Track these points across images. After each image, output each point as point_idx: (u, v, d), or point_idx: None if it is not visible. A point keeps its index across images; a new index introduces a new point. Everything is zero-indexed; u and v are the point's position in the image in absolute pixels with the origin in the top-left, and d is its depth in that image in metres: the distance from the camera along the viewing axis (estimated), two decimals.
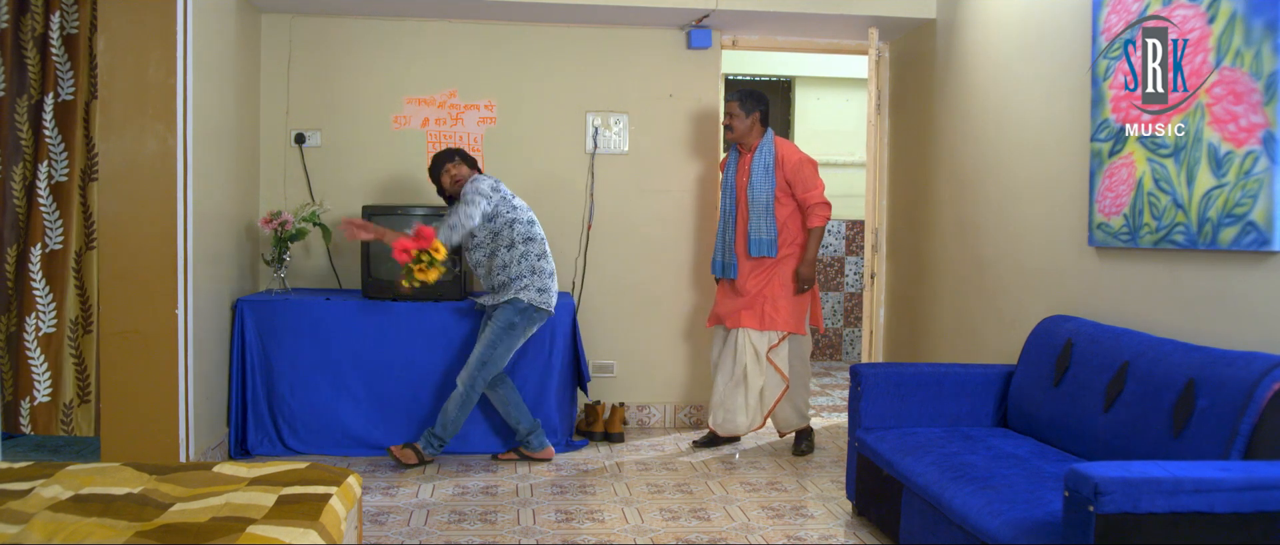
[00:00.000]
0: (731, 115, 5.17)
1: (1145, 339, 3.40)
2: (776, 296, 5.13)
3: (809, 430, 5.39)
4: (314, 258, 5.75)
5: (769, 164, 5.12)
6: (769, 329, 5.13)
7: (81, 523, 2.35)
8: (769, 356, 5.15)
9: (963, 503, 3.11)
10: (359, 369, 5.16)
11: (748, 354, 5.14)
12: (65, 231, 4.68)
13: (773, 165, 5.12)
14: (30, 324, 4.66)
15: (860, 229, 8.54)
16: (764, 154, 5.14)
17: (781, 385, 5.19)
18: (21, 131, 4.65)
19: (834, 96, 8.63)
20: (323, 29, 5.69)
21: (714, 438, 5.39)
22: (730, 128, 5.18)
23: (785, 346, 5.20)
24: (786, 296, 5.14)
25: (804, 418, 5.34)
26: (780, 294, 5.14)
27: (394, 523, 4.11)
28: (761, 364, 5.14)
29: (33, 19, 4.65)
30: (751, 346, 5.14)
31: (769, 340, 5.15)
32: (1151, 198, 3.59)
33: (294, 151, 5.69)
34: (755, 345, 5.13)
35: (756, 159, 5.14)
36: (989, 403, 4.09)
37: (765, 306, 5.13)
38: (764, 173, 5.11)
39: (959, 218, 5.21)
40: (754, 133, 5.18)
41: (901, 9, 5.55)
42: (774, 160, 5.12)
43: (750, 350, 5.13)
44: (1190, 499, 2.47)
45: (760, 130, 5.20)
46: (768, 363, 5.16)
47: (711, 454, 5.28)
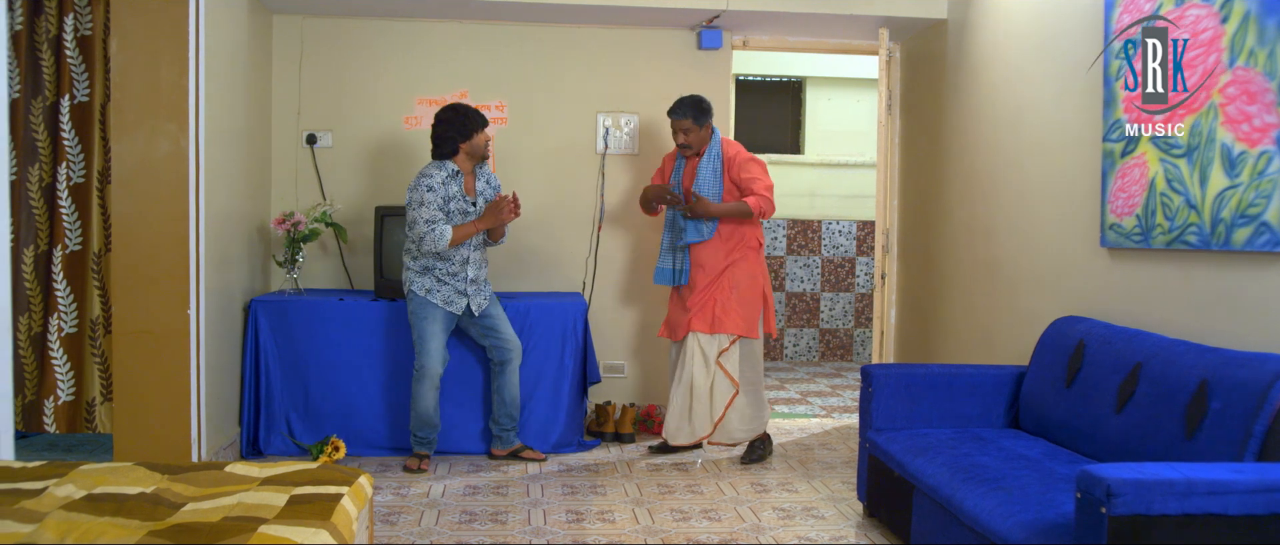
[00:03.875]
0: (686, 131, 5.00)
1: (1158, 340, 3.39)
2: (726, 299, 4.99)
3: (765, 439, 5.21)
4: (326, 258, 5.76)
5: (718, 168, 5.02)
6: (718, 332, 4.98)
7: (94, 522, 2.36)
8: (718, 361, 5.00)
9: (974, 504, 3.10)
10: (371, 368, 5.17)
11: (696, 359, 5.00)
12: (84, 232, 4.71)
13: (721, 168, 5.02)
14: (53, 324, 4.69)
15: (871, 229, 8.53)
16: (712, 158, 5.03)
17: (731, 391, 5.03)
18: (37, 133, 4.67)
19: (845, 97, 8.62)
20: (334, 30, 5.70)
21: (668, 445, 5.25)
22: (687, 146, 5.04)
23: (736, 351, 5.04)
24: (737, 299, 4.99)
25: (758, 426, 5.13)
26: (730, 297, 4.99)
27: (405, 523, 4.12)
28: (710, 368, 5.00)
29: (47, 21, 4.67)
30: (700, 351, 5.00)
31: (719, 344, 5.00)
32: (1164, 198, 3.57)
33: (305, 152, 5.71)
34: (704, 349, 5.00)
35: (704, 162, 5.03)
36: (1000, 404, 4.08)
37: (715, 309, 4.98)
38: (713, 176, 5.00)
39: (970, 218, 5.20)
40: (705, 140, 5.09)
41: (913, 9, 5.54)
42: (722, 163, 5.03)
43: (699, 355, 5.00)
44: (1204, 501, 2.46)
45: (708, 134, 5.11)
46: (717, 367, 5.01)
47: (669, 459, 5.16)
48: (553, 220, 5.75)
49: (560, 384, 5.27)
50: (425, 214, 4.72)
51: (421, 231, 4.72)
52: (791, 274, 8.60)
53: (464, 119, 4.84)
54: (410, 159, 5.75)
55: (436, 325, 4.85)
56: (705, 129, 5.04)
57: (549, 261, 5.85)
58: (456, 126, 4.83)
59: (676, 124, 5.04)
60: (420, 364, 4.86)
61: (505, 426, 5.08)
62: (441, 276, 4.84)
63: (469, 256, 4.89)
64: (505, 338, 5.02)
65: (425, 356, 4.85)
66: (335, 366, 5.15)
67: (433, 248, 4.73)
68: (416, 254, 4.84)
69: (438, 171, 4.80)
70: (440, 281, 4.84)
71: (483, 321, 4.98)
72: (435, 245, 4.72)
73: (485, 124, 4.91)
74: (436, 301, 4.83)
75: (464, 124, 4.84)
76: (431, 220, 4.72)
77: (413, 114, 5.77)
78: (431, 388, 4.88)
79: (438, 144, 4.86)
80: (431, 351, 4.85)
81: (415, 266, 4.85)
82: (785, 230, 8.56)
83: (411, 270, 4.86)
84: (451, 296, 4.85)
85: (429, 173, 4.80)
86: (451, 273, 4.85)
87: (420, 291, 4.83)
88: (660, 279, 5.18)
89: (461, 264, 4.86)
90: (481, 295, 4.95)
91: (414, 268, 4.85)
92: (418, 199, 4.74)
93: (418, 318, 4.86)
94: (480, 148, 4.89)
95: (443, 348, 4.89)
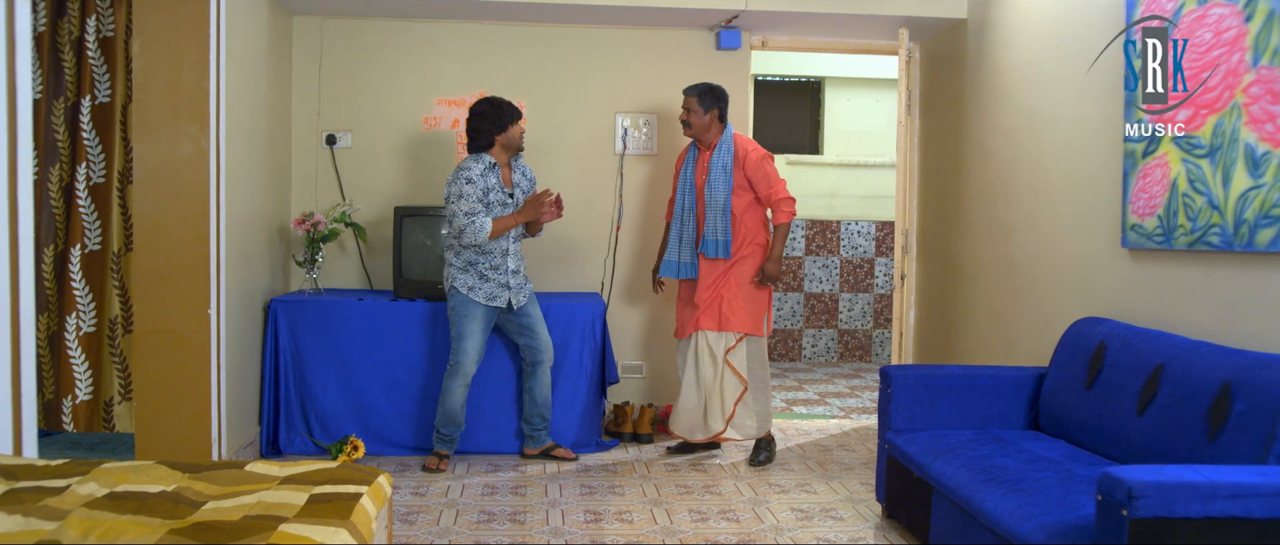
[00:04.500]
0: (688, 110, 5.04)
1: (1180, 341, 3.36)
2: (733, 296, 4.98)
3: (770, 439, 5.19)
4: (345, 258, 5.78)
5: (728, 163, 5.00)
6: (726, 330, 4.98)
7: (116, 520, 2.37)
8: (726, 359, 5.00)
9: (994, 506, 3.08)
10: (391, 368, 5.19)
11: (705, 357, 5.01)
12: (104, 232, 4.74)
13: (732, 164, 5.01)
14: (71, 323, 4.73)
15: (890, 230, 8.50)
16: (723, 152, 5.02)
17: (739, 388, 5.03)
18: (58, 133, 4.71)
19: (864, 97, 8.59)
20: (353, 31, 5.72)
21: (686, 444, 5.27)
22: (687, 124, 5.05)
23: (743, 348, 5.03)
24: (743, 297, 4.99)
25: (765, 424, 5.12)
26: (737, 294, 4.98)
27: (424, 522, 4.13)
28: (718, 366, 5.01)
29: (69, 22, 4.71)
30: (708, 349, 5.01)
31: (726, 342, 5.00)
32: (1186, 199, 3.55)
33: (325, 153, 5.73)
34: (712, 347, 5.01)
35: (715, 157, 5.02)
36: (1020, 405, 4.06)
37: (722, 307, 4.98)
38: (722, 172, 4.99)
39: (990, 218, 5.17)
40: (713, 130, 5.06)
41: (932, 9, 5.52)
42: (733, 159, 5.01)
43: (707, 353, 5.01)
44: (1227, 504, 2.44)
45: (719, 127, 5.07)
46: (725, 365, 5.01)
47: (687, 459, 5.17)
48: (571, 220, 5.74)
49: (579, 384, 5.27)
50: (465, 206, 4.72)
51: (461, 224, 4.72)
52: (810, 274, 8.58)
53: (500, 111, 4.85)
54: (430, 159, 5.77)
55: (476, 324, 4.85)
56: (711, 115, 5.03)
57: (567, 262, 5.86)
58: (492, 119, 4.84)
59: (685, 100, 5.08)
60: (455, 361, 4.87)
61: (537, 426, 5.10)
62: (484, 271, 4.84)
63: (508, 248, 4.89)
64: (541, 339, 5.03)
65: (461, 354, 4.86)
66: (354, 366, 5.17)
67: (472, 240, 4.73)
68: (458, 249, 4.84)
69: (475, 164, 4.80)
70: (483, 277, 4.84)
71: (520, 319, 4.98)
72: (475, 237, 4.72)
73: (520, 116, 4.92)
74: (479, 299, 4.83)
75: (500, 116, 4.85)
76: (471, 213, 4.72)
77: (432, 114, 5.78)
78: (462, 385, 4.88)
79: (474, 137, 4.87)
80: (468, 350, 4.85)
81: (458, 262, 4.84)
82: (804, 231, 8.54)
83: (454, 266, 4.85)
84: (495, 292, 4.86)
85: (467, 166, 4.80)
86: (493, 267, 4.85)
87: (463, 288, 4.82)
88: (666, 271, 5.19)
89: (501, 256, 4.87)
90: (522, 292, 4.96)
91: (457, 264, 4.85)
92: (457, 192, 4.74)
93: (458, 315, 4.85)
94: (516, 140, 4.90)
95: (480, 347, 4.89)
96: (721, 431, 5.05)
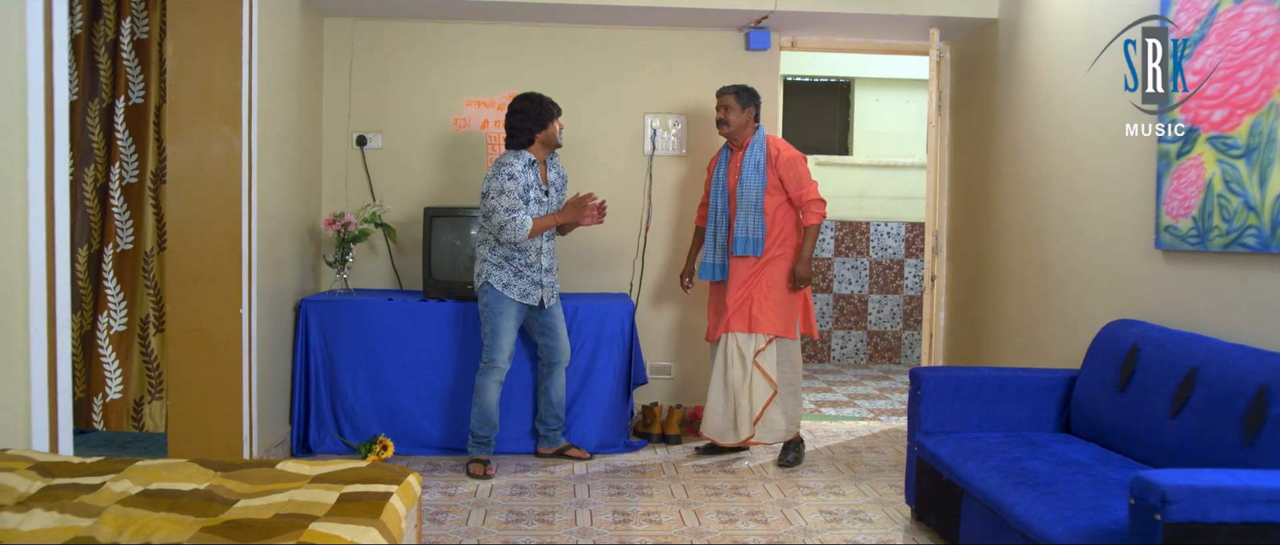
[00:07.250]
0: (726, 109, 5.02)
1: (1214, 344, 3.32)
2: (764, 298, 4.96)
3: (798, 441, 5.16)
4: (376, 259, 5.82)
5: (760, 162, 4.98)
6: (756, 332, 4.96)
7: (150, 517, 2.39)
8: (755, 361, 4.97)
9: (1025, 509, 3.06)
10: (420, 368, 5.21)
11: (734, 359, 4.99)
12: (136, 232, 4.79)
13: (764, 163, 4.98)
14: (103, 322, 4.78)
15: (920, 231, 8.45)
16: (755, 151, 5.00)
17: (769, 391, 5.00)
18: (93, 135, 4.76)
19: (894, 98, 8.55)
20: (384, 32, 5.75)
21: (715, 446, 5.26)
22: (724, 122, 5.03)
23: (773, 351, 4.99)
24: (774, 299, 4.97)
25: (793, 428, 5.08)
26: (768, 296, 4.96)
27: (453, 522, 4.14)
28: (747, 369, 4.98)
29: (105, 25, 4.76)
30: (738, 351, 4.98)
31: (756, 344, 4.98)
32: (1222, 199, 3.50)
33: (356, 153, 5.77)
34: (742, 349, 4.98)
35: (748, 156, 5.00)
36: (1051, 408, 4.03)
37: (752, 309, 4.96)
38: (755, 170, 4.97)
39: (1021, 220, 5.13)
40: (748, 129, 5.05)
41: (963, 9, 5.49)
42: (766, 158, 4.99)
43: (737, 355, 4.98)
44: (1263, 509, 2.40)
45: (753, 127, 5.07)
46: (754, 367, 4.99)
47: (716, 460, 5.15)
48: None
49: (607, 384, 5.28)
50: (505, 203, 4.70)
51: (501, 220, 4.70)
52: (839, 276, 8.55)
53: (540, 108, 4.84)
54: (459, 160, 5.79)
55: (510, 320, 4.85)
56: (747, 113, 5.03)
57: (596, 262, 5.87)
58: (533, 116, 4.83)
59: (720, 99, 5.05)
60: (489, 358, 4.87)
61: (552, 426, 5.10)
62: (519, 267, 4.83)
63: (542, 247, 4.89)
64: (561, 340, 5.04)
65: (495, 351, 4.85)
66: (384, 366, 5.20)
67: (511, 237, 4.72)
68: (493, 245, 4.84)
69: (516, 160, 4.79)
70: (518, 273, 4.83)
71: (544, 319, 4.99)
72: (515, 235, 4.71)
73: (559, 112, 4.91)
74: (513, 296, 4.82)
75: (540, 113, 4.84)
76: (511, 209, 4.70)
77: (461, 115, 5.81)
78: (497, 382, 4.88)
79: (513, 134, 4.86)
80: (502, 347, 4.85)
81: (493, 258, 4.83)
82: (833, 232, 8.50)
83: (489, 262, 4.83)
84: (529, 289, 4.86)
85: (508, 161, 4.78)
86: (527, 264, 4.84)
87: (497, 285, 4.81)
88: (703, 274, 5.18)
89: (536, 254, 4.86)
90: (553, 291, 4.96)
91: (491, 260, 4.83)
92: (498, 188, 4.72)
93: (492, 312, 4.84)
94: (555, 136, 4.89)
95: (513, 344, 4.89)
96: (749, 436, 5.04)
